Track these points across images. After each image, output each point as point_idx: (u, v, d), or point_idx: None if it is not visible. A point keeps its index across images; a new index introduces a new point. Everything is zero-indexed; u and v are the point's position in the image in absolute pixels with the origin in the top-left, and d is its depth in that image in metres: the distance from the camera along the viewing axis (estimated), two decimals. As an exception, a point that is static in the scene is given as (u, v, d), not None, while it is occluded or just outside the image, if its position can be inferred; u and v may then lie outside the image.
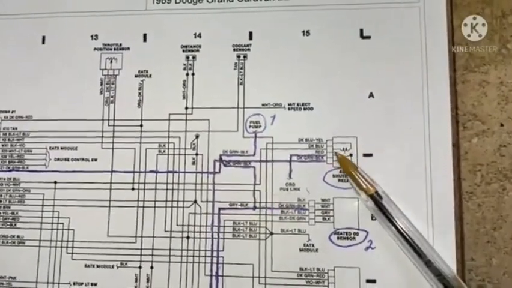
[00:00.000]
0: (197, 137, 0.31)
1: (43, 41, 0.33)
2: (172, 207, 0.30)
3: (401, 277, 0.28)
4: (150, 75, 0.32)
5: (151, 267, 0.30)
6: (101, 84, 0.32)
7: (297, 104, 0.30)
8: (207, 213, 0.30)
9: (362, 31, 0.31)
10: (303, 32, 0.31)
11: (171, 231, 0.30)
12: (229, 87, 0.31)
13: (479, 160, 0.29)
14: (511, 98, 0.30)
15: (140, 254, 0.30)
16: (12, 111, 0.32)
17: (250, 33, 0.31)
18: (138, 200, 0.30)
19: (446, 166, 0.29)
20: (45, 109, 0.32)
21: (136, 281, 0.30)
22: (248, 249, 0.29)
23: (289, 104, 0.30)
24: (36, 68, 0.32)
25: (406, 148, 0.29)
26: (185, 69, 0.31)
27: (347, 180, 0.29)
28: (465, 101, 0.30)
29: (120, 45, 0.32)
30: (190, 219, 0.30)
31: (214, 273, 0.29)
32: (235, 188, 0.30)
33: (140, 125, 0.31)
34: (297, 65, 0.31)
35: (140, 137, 0.31)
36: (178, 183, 0.30)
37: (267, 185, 0.30)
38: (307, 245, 0.29)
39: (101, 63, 0.32)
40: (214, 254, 0.30)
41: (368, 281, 0.28)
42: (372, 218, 0.29)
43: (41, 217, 0.31)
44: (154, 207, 0.30)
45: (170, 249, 0.30)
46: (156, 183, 0.31)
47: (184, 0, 0.32)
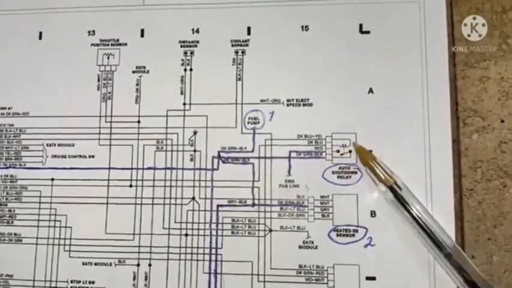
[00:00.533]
0: (195, 133, 0.31)
1: (40, 37, 0.32)
2: (170, 204, 0.30)
3: (400, 274, 0.28)
4: (148, 71, 0.31)
5: (149, 265, 0.30)
6: (99, 81, 0.32)
7: (296, 100, 0.30)
8: (205, 210, 0.30)
9: (361, 26, 0.30)
10: (302, 27, 0.31)
11: (169, 229, 0.30)
12: (228, 83, 0.31)
13: (480, 157, 0.29)
14: (511, 94, 0.30)
15: (139, 252, 0.30)
16: (8, 108, 0.32)
17: (249, 29, 0.31)
18: (136, 197, 0.30)
19: (446, 163, 0.29)
20: (42, 106, 0.32)
21: (134, 278, 0.30)
22: (247, 246, 0.29)
23: (288, 100, 0.30)
24: (32, 64, 0.32)
25: (406, 144, 0.29)
26: (183, 64, 0.31)
27: (347, 177, 0.29)
28: (465, 97, 0.30)
29: (117, 40, 0.32)
30: (189, 216, 0.30)
31: (212, 271, 0.29)
32: (234, 184, 0.30)
33: (138, 122, 0.31)
34: (295, 60, 0.31)
35: (138, 134, 0.31)
36: (176, 180, 0.30)
37: (266, 182, 0.30)
38: (306, 242, 0.29)
39: (98, 59, 0.32)
40: (213, 251, 0.29)
41: (368, 278, 0.28)
42: (371, 215, 0.29)
43: (38, 214, 0.31)
44: (152, 204, 0.30)
45: (169, 247, 0.30)
46: (154, 180, 0.30)
47: (181, -5, 0.32)
